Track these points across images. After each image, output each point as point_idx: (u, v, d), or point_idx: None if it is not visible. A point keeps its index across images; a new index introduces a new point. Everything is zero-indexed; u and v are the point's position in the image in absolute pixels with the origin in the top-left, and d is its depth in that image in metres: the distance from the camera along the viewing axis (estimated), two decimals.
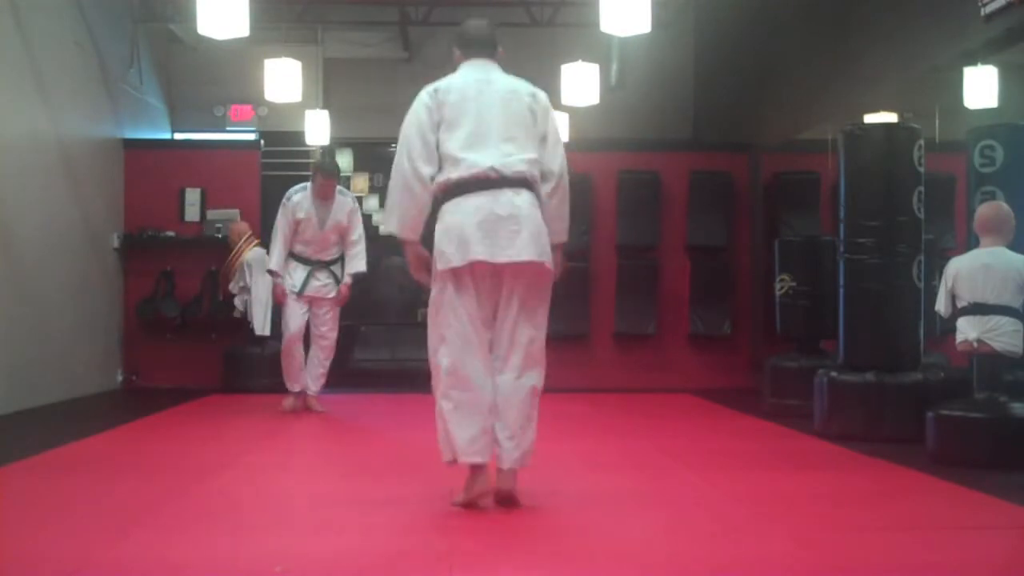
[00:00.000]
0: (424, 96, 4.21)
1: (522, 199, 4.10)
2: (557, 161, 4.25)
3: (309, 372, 7.78)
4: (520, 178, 4.12)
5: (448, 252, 4.06)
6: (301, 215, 7.51)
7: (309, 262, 7.63)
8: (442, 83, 4.25)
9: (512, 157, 4.12)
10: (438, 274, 4.13)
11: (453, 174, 4.10)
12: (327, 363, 7.85)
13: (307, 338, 7.84)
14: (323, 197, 7.52)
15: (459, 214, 4.06)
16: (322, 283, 7.68)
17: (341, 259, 7.72)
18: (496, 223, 4.03)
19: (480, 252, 4.02)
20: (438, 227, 4.13)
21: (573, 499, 4.44)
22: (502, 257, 4.04)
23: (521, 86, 4.30)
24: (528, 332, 4.14)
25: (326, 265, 7.68)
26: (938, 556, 3.58)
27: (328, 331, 7.78)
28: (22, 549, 3.56)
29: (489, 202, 4.05)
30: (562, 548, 3.64)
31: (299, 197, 7.58)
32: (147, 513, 4.15)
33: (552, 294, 4.34)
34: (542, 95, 4.30)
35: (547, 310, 4.26)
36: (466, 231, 4.03)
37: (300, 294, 7.62)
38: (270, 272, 7.79)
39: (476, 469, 4.11)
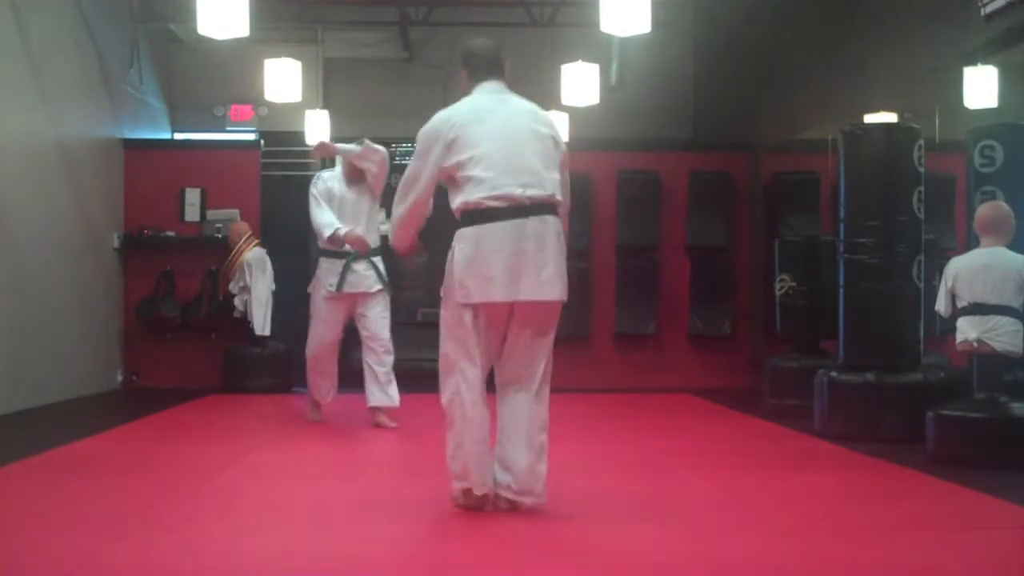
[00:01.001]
0: (437, 126, 4.14)
1: (548, 228, 4.04)
2: (567, 190, 4.24)
3: (373, 385, 6.79)
4: (546, 203, 4.06)
5: (469, 287, 3.99)
6: (333, 198, 6.76)
7: (344, 255, 6.77)
8: (456, 113, 4.16)
9: (540, 178, 4.05)
10: (455, 303, 4.06)
11: (475, 195, 4.00)
12: (389, 365, 6.84)
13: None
14: (356, 178, 6.86)
15: (484, 246, 3.98)
16: (362, 275, 6.81)
17: (380, 249, 6.91)
18: (521, 259, 3.98)
19: (501, 294, 3.99)
20: (459, 254, 4.04)
21: (573, 499, 4.44)
22: (524, 296, 4.02)
23: (536, 109, 4.27)
24: (541, 361, 4.23)
25: (364, 255, 6.84)
26: (938, 556, 3.58)
27: (379, 330, 6.81)
28: (22, 549, 3.56)
29: (515, 234, 3.98)
30: (561, 548, 3.64)
31: (328, 177, 6.94)
32: (147, 513, 4.15)
33: None
34: (553, 121, 4.31)
35: (551, 345, 4.31)
36: (491, 269, 3.97)
37: (339, 291, 6.74)
38: (334, 233, 6.69)
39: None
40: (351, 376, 7.40)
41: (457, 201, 4.07)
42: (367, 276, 6.79)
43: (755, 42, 10.26)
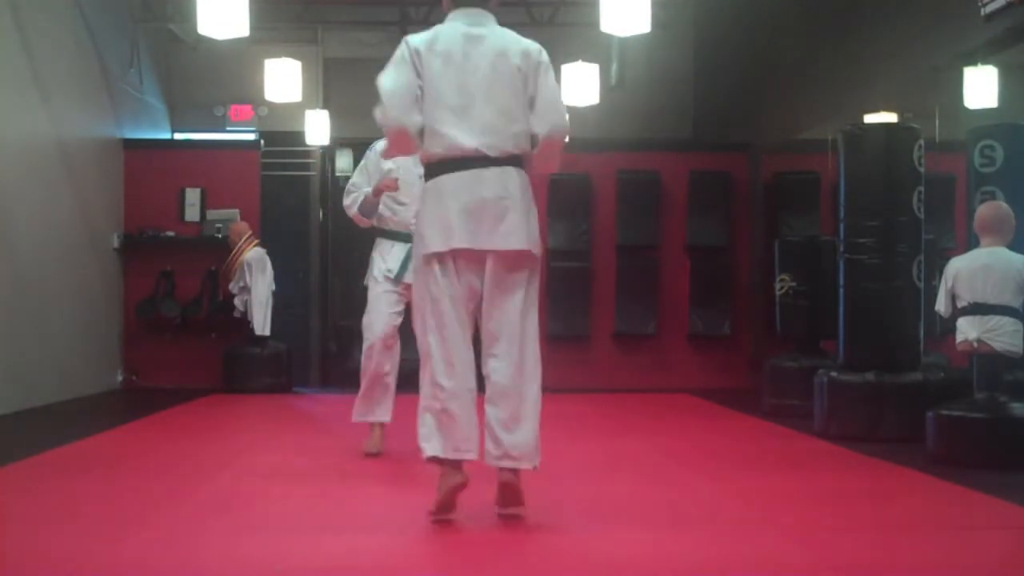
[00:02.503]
0: (404, 52, 3.86)
1: (510, 179, 3.85)
2: (546, 124, 3.89)
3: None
4: (508, 156, 3.85)
5: (428, 237, 3.84)
6: (391, 164, 5.55)
7: (406, 237, 5.41)
8: (425, 40, 3.87)
9: (499, 133, 3.82)
10: (420, 258, 3.90)
11: (435, 150, 3.83)
12: None
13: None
14: None
15: (442, 196, 3.83)
16: None
17: None
18: (481, 207, 3.79)
19: (463, 240, 3.80)
20: (422, 208, 3.93)
21: (572, 499, 4.44)
22: (486, 244, 3.81)
23: (512, 44, 3.93)
24: (516, 318, 3.87)
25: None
26: (938, 556, 3.58)
27: None
28: (22, 549, 3.55)
29: (474, 182, 3.80)
30: (561, 549, 3.64)
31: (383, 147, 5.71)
32: (147, 513, 4.15)
33: (552, 294, 4.26)
34: (535, 50, 3.93)
35: (536, 296, 3.97)
36: (449, 216, 3.79)
37: (397, 280, 5.56)
38: (364, 198, 5.62)
39: (455, 464, 3.88)
40: (352, 376, 7.39)
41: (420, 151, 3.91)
42: None
43: (755, 42, 10.25)
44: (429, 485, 4.54)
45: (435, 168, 3.88)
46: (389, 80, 3.89)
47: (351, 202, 5.62)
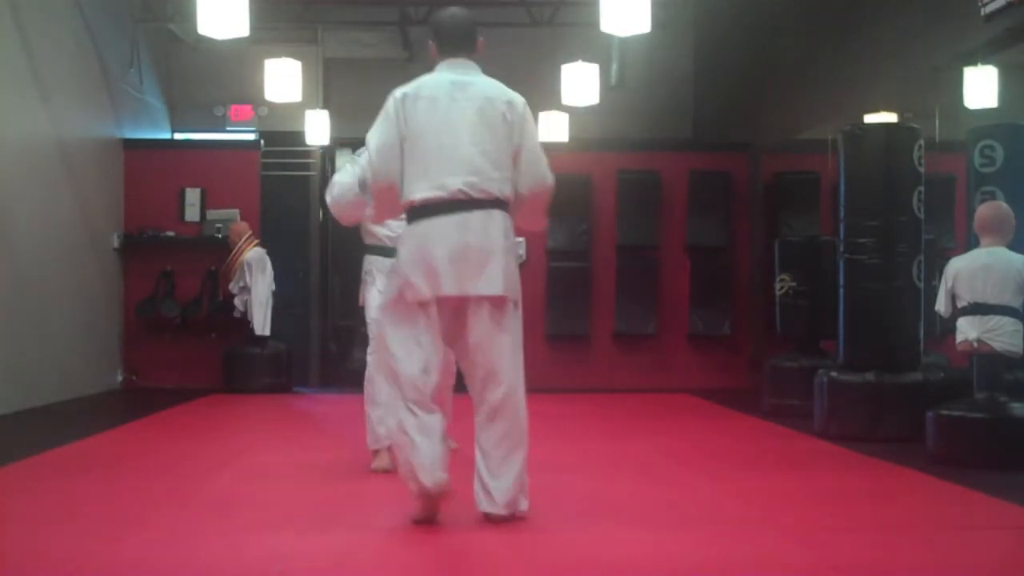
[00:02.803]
0: (390, 105, 3.91)
1: (494, 223, 3.84)
2: (530, 179, 3.95)
3: None
4: (492, 199, 3.84)
5: (417, 284, 3.80)
6: None
7: None
8: (411, 88, 3.95)
9: (483, 174, 3.82)
10: (404, 301, 3.85)
11: (419, 194, 3.82)
12: None
13: None
14: None
15: (427, 241, 3.80)
16: None
17: None
18: (465, 252, 3.78)
19: (449, 287, 3.79)
20: (403, 250, 3.89)
21: (572, 499, 4.44)
22: (470, 291, 3.81)
23: (497, 92, 3.94)
24: (500, 367, 3.87)
25: None
26: (938, 556, 3.58)
27: None
28: (22, 549, 3.56)
29: (458, 228, 3.79)
30: (561, 548, 3.64)
31: None
32: (147, 513, 4.15)
33: (552, 294, 4.25)
34: (519, 102, 3.95)
35: (520, 336, 3.96)
36: (435, 262, 3.78)
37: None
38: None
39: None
40: (351, 376, 7.39)
41: (404, 199, 3.88)
42: None
43: (755, 42, 10.25)
44: None
45: (419, 211, 3.85)
46: (375, 137, 3.95)
47: (338, 192, 5.11)
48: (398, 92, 3.95)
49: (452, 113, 3.86)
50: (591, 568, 3.38)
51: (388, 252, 5.00)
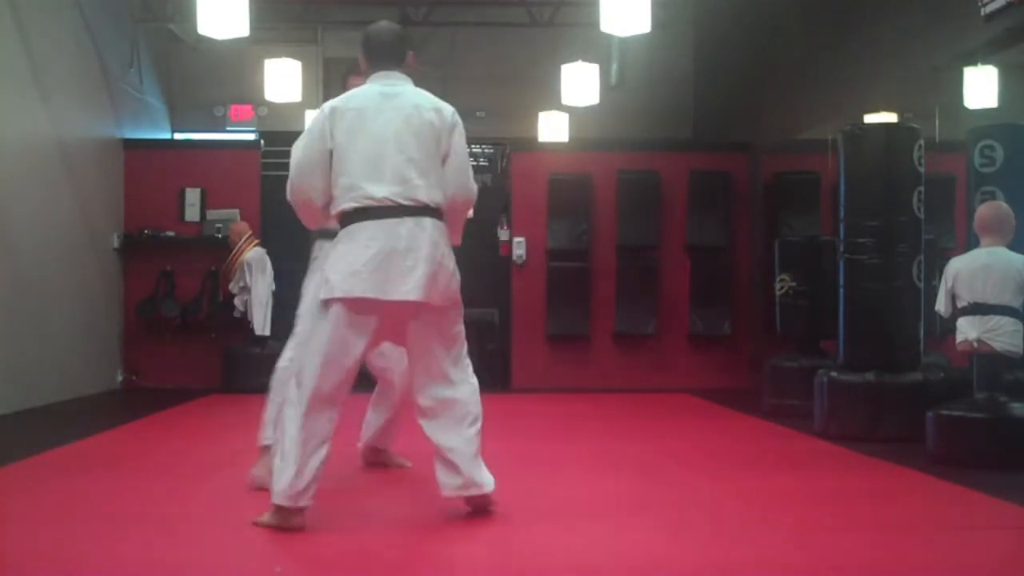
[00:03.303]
0: (316, 120, 3.92)
1: (423, 230, 3.83)
2: (452, 187, 3.96)
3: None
4: (421, 206, 3.84)
5: (333, 281, 3.78)
6: None
7: None
8: (340, 101, 3.95)
9: (409, 182, 3.82)
10: (322, 303, 3.83)
11: (347, 204, 3.82)
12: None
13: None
14: None
15: (352, 244, 3.79)
16: None
17: None
18: (390, 257, 3.77)
19: (367, 289, 3.75)
20: (331, 254, 3.88)
21: (572, 499, 4.44)
22: (393, 295, 3.77)
23: (426, 101, 3.97)
24: (441, 364, 3.93)
25: None
26: (938, 556, 3.58)
27: None
28: (22, 549, 3.56)
29: (385, 233, 3.78)
30: (561, 548, 3.64)
31: None
32: (147, 513, 4.15)
33: (552, 294, 4.24)
34: (448, 111, 3.98)
35: (462, 348, 4.01)
36: (356, 264, 3.76)
37: None
38: None
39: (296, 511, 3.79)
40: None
41: (333, 209, 3.89)
42: None
43: (755, 42, 10.25)
44: (427, 486, 4.54)
45: (350, 218, 3.85)
46: (296, 152, 3.97)
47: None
48: (327, 106, 3.97)
49: (379, 123, 3.88)
50: (591, 568, 3.38)
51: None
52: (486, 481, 3.96)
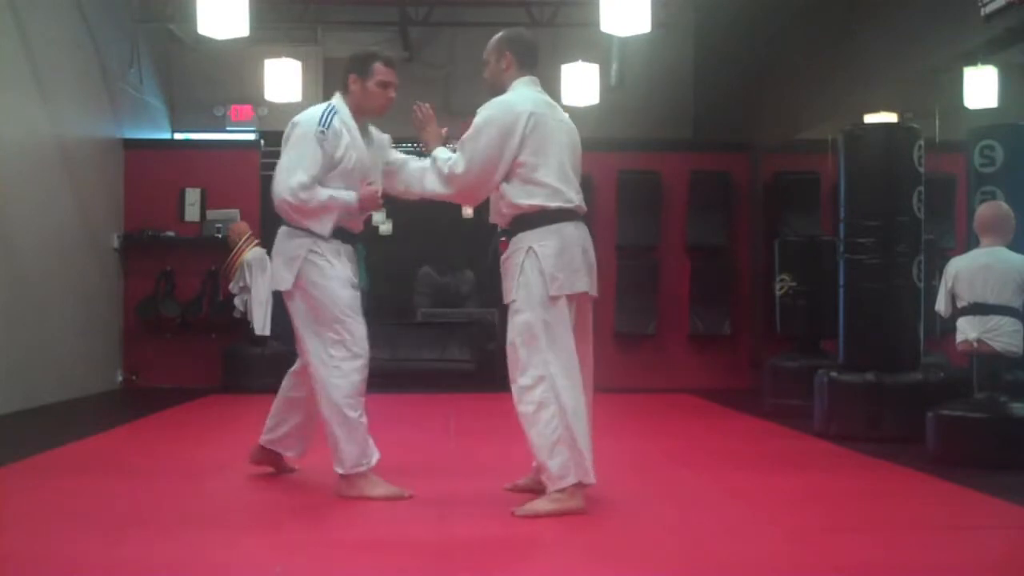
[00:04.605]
0: (519, 118, 4.11)
1: (588, 234, 4.28)
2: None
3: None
4: (584, 212, 4.29)
5: (562, 279, 4.10)
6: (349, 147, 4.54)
7: (351, 238, 4.64)
8: (525, 104, 4.16)
9: (581, 194, 4.27)
10: (548, 299, 4.09)
11: (552, 203, 4.12)
12: None
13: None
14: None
15: (567, 242, 4.13)
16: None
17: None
18: (587, 256, 4.21)
19: (585, 284, 4.17)
20: (545, 250, 4.08)
21: None
22: (589, 289, 4.23)
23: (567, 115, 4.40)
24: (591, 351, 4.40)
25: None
26: (938, 556, 3.58)
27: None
28: (22, 549, 3.55)
29: (582, 236, 4.20)
30: (561, 548, 3.64)
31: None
32: (147, 513, 4.15)
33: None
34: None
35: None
36: (575, 263, 4.13)
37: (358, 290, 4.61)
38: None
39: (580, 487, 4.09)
40: None
41: (522, 201, 4.12)
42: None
43: (755, 42, 10.26)
44: (427, 485, 4.54)
45: (553, 216, 4.18)
46: (494, 148, 4.25)
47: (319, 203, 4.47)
48: (520, 107, 4.19)
49: (560, 135, 4.26)
50: (590, 567, 3.38)
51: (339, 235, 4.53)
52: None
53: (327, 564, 3.42)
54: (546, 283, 4.07)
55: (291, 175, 4.46)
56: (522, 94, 4.22)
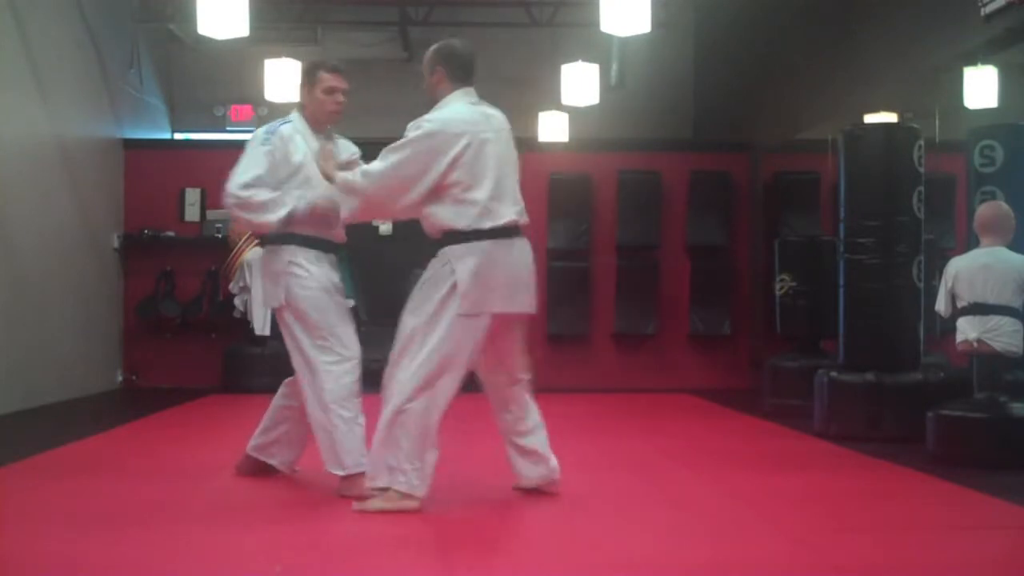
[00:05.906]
0: (444, 139, 4.08)
1: (528, 249, 4.24)
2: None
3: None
4: (523, 227, 4.22)
5: (475, 298, 4.05)
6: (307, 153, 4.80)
7: (327, 246, 4.67)
8: (459, 125, 4.11)
9: (520, 206, 4.21)
10: (456, 315, 4.06)
11: (486, 223, 4.07)
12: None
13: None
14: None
15: (492, 262, 4.08)
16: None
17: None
18: (515, 275, 4.15)
19: (501, 305, 4.11)
20: (464, 268, 4.03)
21: (572, 500, 4.44)
22: (518, 309, 4.20)
23: (506, 120, 4.34)
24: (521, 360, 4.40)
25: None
26: (938, 556, 3.58)
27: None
28: (22, 549, 3.56)
29: (512, 254, 4.13)
30: (561, 548, 3.64)
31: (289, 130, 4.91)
32: (147, 513, 4.15)
33: (552, 294, 4.38)
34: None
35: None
36: (492, 282, 4.08)
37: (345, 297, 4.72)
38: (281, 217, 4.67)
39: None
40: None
41: (447, 222, 4.08)
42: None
43: (755, 42, 10.25)
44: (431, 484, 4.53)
45: (484, 235, 4.16)
46: (419, 165, 4.22)
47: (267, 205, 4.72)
48: (449, 125, 4.17)
49: (497, 148, 4.23)
50: (590, 567, 3.38)
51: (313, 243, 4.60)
52: None
53: (327, 564, 3.42)
54: (457, 300, 4.04)
55: (235, 176, 4.92)
56: (456, 110, 4.19)
